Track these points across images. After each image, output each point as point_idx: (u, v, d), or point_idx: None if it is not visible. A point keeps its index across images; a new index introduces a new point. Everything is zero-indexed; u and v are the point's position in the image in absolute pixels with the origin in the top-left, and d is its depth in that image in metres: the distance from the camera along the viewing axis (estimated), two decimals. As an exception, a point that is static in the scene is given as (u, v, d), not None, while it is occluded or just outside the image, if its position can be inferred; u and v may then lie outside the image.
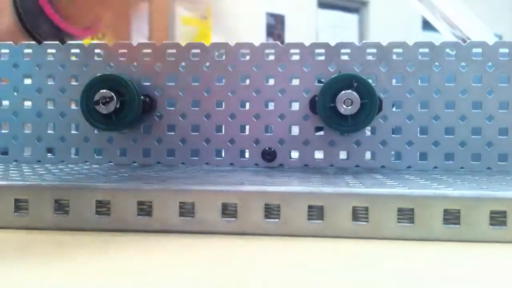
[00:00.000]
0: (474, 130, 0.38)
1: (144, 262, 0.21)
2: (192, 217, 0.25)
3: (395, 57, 0.39)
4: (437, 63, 0.38)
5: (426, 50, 0.38)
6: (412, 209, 0.24)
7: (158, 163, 0.41)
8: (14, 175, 0.31)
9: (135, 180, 0.28)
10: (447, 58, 0.38)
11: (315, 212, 0.25)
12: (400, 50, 0.39)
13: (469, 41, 0.39)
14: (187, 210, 0.26)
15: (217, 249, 0.23)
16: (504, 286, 0.19)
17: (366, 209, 0.25)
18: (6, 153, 0.42)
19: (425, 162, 0.39)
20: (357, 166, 0.39)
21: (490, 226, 0.24)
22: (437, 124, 0.39)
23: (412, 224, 0.24)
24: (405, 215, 0.25)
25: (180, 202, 0.26)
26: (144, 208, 0.26)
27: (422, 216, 0.24)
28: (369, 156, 0.40)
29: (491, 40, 0.38)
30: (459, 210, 0.24)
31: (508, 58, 0.38)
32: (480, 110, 0.38)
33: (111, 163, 0.41)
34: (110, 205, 0.26)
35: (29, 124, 0.42)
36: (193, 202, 0.25)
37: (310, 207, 0.25)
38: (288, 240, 0.24)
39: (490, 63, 0.38)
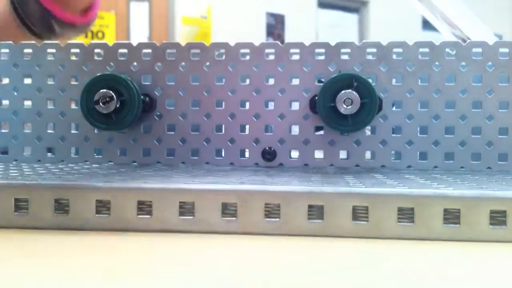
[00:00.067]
0: (474, 130, 0.38)
1: (144, 262, 0.21)
2: (192, 217, 0.25)
3: (395, 57, 0.39)
4: (437, 63, 0.38)
5: (426, 50, 0.38)
6: (412, 209, 0.24)
7: (158, 163, 0.41)
8: (14, 175, 0.31)
9: (135, 180, 0.28)
10: (447, 58, 0.38)
11: (315, 212, 0.25)
12: (400, 50, 0.39)
13: (469, 41, 0.39)
14: (187, 210, 0.26)
15: (217, 249, 0.23)
16: (504, 286, 0.19)
17: (366, 209, 0.25)
18: (6, 153, 0.42)
19: (425, 162, 0.39)
20: (357, 166, 0.39)
21: (490, 226, 0.24)
22: (437, 124, 0.39)
23: (412, 224, 0.24)
24: (405, 215, 0.25)
25: (180, 202, 0.26)
26: (144, 208, 0.26)
27: (422, 216, 0.24)
28: (369, 156, 0.40)
29: (491, 40, 0.38)
30: (459, 210, 0.24)
31: (508, 58, 0.38)
32: (480, 110, 0.38)
33: (111, 163, 0.41)
34: (110, 205, 0.26)
35: (29, 124, 0.42)
36: (193, 202, 0.25)
37: (310, 207, 0.25)
38: (288, 240, 0.24)
39: (490, 63, 0.38)
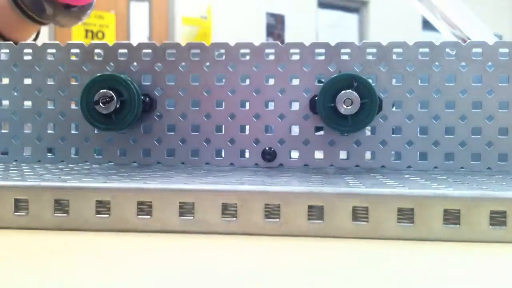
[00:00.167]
0: (474, 130, 0.38)
1: (144, 262, 0.21)
2: (192, 218, 0.25)
3: (395, 57, 0.39)
4: (437, 63, 0.38)
5: (426, 50, 0.38)
6: (412, 209, 0.24)
7: (158, 163, 0.41)
8: (14, 175, 0.31)
9: (135, 180, 0.28)
10: (447, 58, 0.38)
11: (315, 212, 0.25)
12: (400, 50, 0.39)
13: (469, 41, 0.39)
14: (187, 210, 0.26)
15: (217, 249, 0.23)
16: (504, 286, 0.19)
17: (366, 209, 0.25)
18: (6, 153, 0.42)
19: (425, 162, 0.39)
20: (357, 166, 0.39)
21: (490, 226, 0.24)
22: (437, 124, 0.39)
23: (412, 224, 0.24)
24: (405, 215, 0.25)
25: (180, 202, 0.26)
26: (144, 208, 0.26)
27: (422, 216, 0.24)
28: (369, 156, 0.40)
29: (491, 40, 0.38)
30: (459, 210, 0.24)
31: (508, 58, 0.38)
32: (480, 110, 0.38)
33: (111, 163, 0.41)
34: (110, 205, 0.26)
35: (29, 124, 0.42)
36: (193, 202, 0.25)
37: (310, 207, 0.25)
38: (288, 241, 0.24)
39: (490, 63, 0.38)
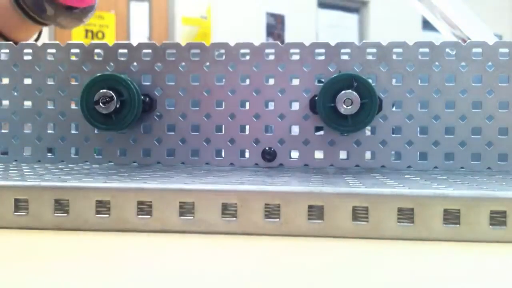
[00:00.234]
0: (474, 130, 0.38)
1: (144, 262, 0.21)
2: (192, 217, 0.25)
3: (395, 57, 0.39)
4: (437, 63, 0.38)
5: (426, 50, 0.38)
6: (412, 209, 0.24)
7: (158, 163, 0.41)
8: (14, 175, 0.31)
9: (135, 180, 0.28)
10: (447, 58, 0.38)
11: (315, 212, 0.25)
12: (400, 50, 0.39)
13: (469, 41, 0.39)
14: (187, 210, 0.26)
15: (217, 249, 0.23)
16: (504, 286, 0.19)
17: (366, 209, 0.25)
18: (6, 153, 0.42)
19: (425, 162, 0.39)
20: (357, 166, 0.39)
21: (490, 226, 0.24)
22: (437, 124, 0.39)
23: (412, 224, 0.24)
24: (405, 215, 0.25)
25: (180, 202, 0.26)
26: (144, 208, 0.26)
27: (422, 216, 0.24)
28: (369, 156, 0.40)
29: (491, 40, 0.38)
30: (459, 210, 0.24)
31: (508, 58, 0.38)
32: (480, 110, 0.38)
33: (111, 163, 0.41)
34: (110, 205, 0.26)
35: (29, 124, 0.42)
36: (193, 202, 0.25)
37: (310, 207, 0.25)
38: (288, 240, 0.24)
39: (490, 63, 0.38)
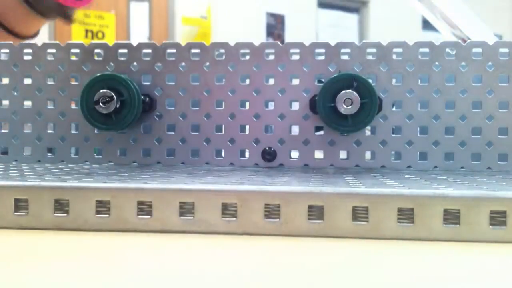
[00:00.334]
0: (474, 130, 0.38)
1: (144, 262, 0.21)
2: (192, 217, 0.25)
3: (395, 57, 0.39)
4: (437, 63, 0.38)
5: (426, 50, 0.38)
6: (412, 209, 0.24)
7: (158, 163, 0.41)
8: (14, 175, 0.31)
9: (135, 180, 0.28)
10: (447, 58, 0.38)
11: (315, 212, 0.25)
12: (400, 50, 0.39)
13: (469, 41, 0.39)
14: (187, 210, 0.26)
15: (217, 249, 0.23)
16: (504, 286, 0.19)
17: (366, 209, 0.25)
18: (6, 153, 0.42)
19: (425, 162, 0.39)
20: (357, 166, 0.39)
21: (490, 226, 0.24)
22: (437, 124, 0.39)
23: (412, 224, 0.24)
24: (405, 215, 0.25)
25: (180, 202, 0.26)
26: (144, 208, 0.26)
27: (422, 216, 0.24)
28: (369, 156, 0.40)
29: (491, 40, 0.38)
30: (459, 210, 0.24)
31: (508, 58, 0.38)
32: (480, 110, 0.38)
33: (111, 163, 0.41)
34: (110, 205, 0.26)
35: (29, 124, 0.42)
36: (193, 202, 0.25)
37: (310, 207, 0.25)
38: (288, 240, 0.24)
39: (490, 63, 0.38)
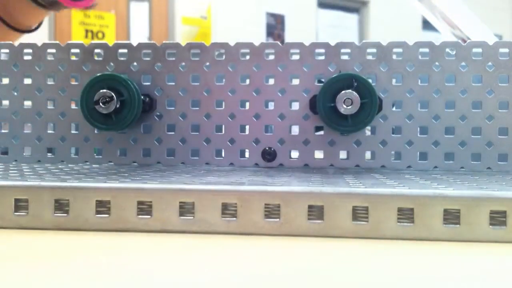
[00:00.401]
0: (474, 130, 0.38)
1: (144, 262, 0.21)
2: (192, 217, 0.25)
3: (395, 57, 0.39)
4: (437, 63, 0.38)
5: (426, 50, 0.38)
6: (412, 209, 0.24)
7: (158, 163, 0.41)
8: (14, 175, 0.31)
9: (135, 180, 0.28)
10: (447, 58, 0.38)
11: (315, 212, 0.25)
12: (400, 50, 0.39)
13: (469, 41, 0.39)
14: (187, 210, 0.26)
15: (217, 249, 0.23)
16: (504, 286, 0.19)
17: (366, 209, 0.25)
18: (6, 153, 0.42)
19: (425, 162, 0.39)
20: (357, 166, 0.39)
21: (490, 226, 0.24)
22: (437, 124, 0.39)
23: (412, 224, 0.24)
24: (405, 215, 0.25)
25: (180, 202, 0.26)
26: (144, 208, 0.26)
27: (422, 216, 0.24)
28: (369, 156, 0.40)
29: (491, 40, 0.38)
30: (459, 210, 0.24)
31: (508, 58, 0.38)
32: (480, 110, 0.38)
33: (111, 163, 0.41)
34: (110, 205, 0.26)
35: (29, 124, 0.42)
36: (193, 202, 0.25)
37: (310, 207, 0.25)
38: (288, 240, 0.24)
39: (490, 63, 0.38)
